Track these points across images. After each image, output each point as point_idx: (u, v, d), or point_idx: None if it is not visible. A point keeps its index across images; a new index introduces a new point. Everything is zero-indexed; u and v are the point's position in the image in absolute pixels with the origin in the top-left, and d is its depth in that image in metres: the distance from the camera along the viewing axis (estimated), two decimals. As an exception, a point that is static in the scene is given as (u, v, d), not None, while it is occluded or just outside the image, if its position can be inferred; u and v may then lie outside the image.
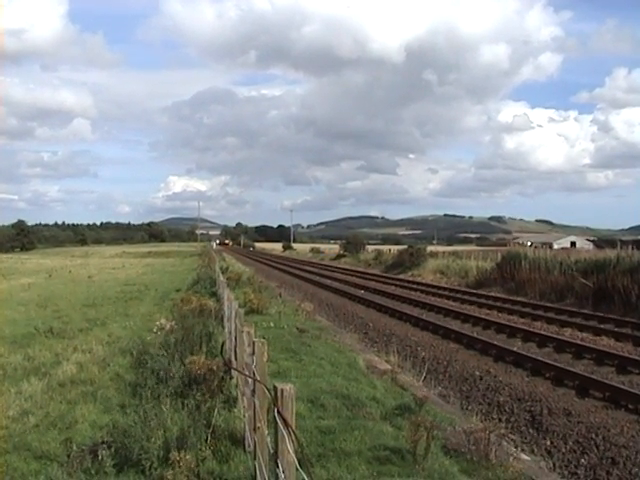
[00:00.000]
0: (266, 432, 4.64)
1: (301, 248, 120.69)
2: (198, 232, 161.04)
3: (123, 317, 19.36)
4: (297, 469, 3.39)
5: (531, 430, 9.54)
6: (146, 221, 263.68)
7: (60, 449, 6.99)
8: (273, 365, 10.18)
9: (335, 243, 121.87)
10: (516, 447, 8.26)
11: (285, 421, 3.43)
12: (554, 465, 8.20)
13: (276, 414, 3.48)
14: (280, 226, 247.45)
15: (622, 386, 10.78)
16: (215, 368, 7.92)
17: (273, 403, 3.57)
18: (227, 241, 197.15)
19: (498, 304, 24.20)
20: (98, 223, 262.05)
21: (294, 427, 3.45)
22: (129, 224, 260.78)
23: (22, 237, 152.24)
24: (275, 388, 3.56)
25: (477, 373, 12.85)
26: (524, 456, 7.87)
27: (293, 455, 3.37)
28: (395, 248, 63.34)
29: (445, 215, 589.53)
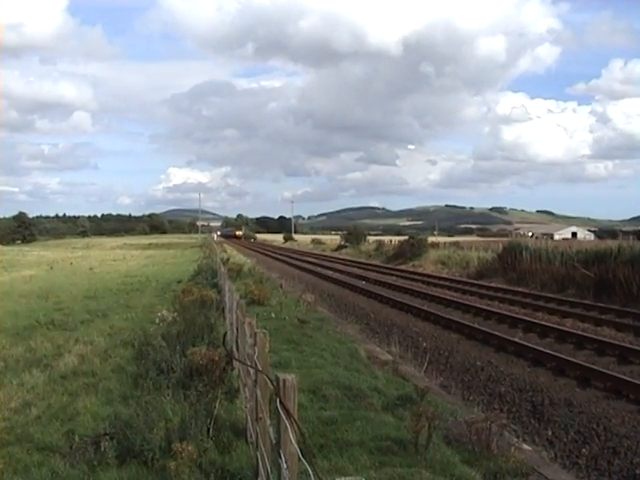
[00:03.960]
0: (268, 423, 4.63)
1: (302, 239, 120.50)
2: (199, 224, 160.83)
3: (124, 309, 19.37)
4: (299, 459, 3.39)
5: (532, 420, 9.56)
6: (147, 213, 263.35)
7: (62, 440, 7.00)
8: (274, 356, 10.16)
9: (336, 234, 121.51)
10: (517, 437, 8.25)
11: (287, 411, 3.42)
12: (555, 455, 8.22)
13: (278, 404, 3.47)
14: (281, 217, 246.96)
15: (623, 376, 10.77)
16: (217, 359, 7.92)
17: (275, 393, 3.57)
18: (239, 232, 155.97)
19: (499, 295, 24.20)
20: (99, 215, 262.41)
21: (296, 417, 3.45)
22: (130, 216, 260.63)
23: (23, 229, 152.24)
24: (277, 379, 3.54)
25: (478, 363, 12.86)
26: (525, 446, 7.86)
27: (295, 445, 3.36)
28: (396, 239, 63.20)
29: (446, 206, 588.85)
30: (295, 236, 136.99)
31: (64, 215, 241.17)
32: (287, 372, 4.70)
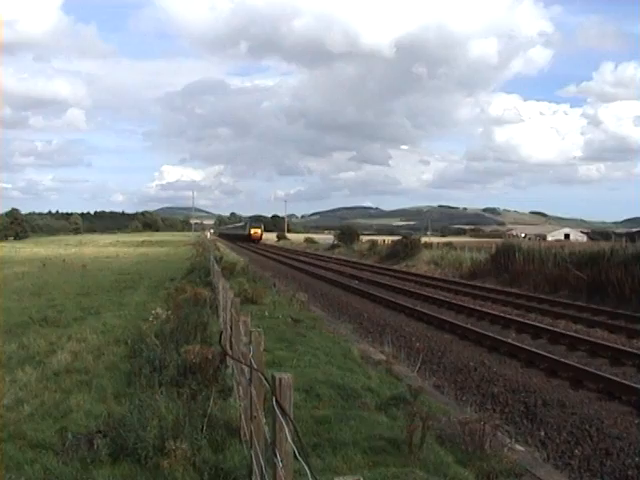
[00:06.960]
0: (263, 421, 4.63)
1: (295, 238, 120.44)
2: (192, 222, 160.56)
3: (117, 306, 19.30)
4: (295, 458, 3.39)
5: (525, 421, 9.57)
6: (140, 210, 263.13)
7: (55, 438, 6.96)
8: (268, 355, 10.14)
9: (329, 233, 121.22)
10: (510, 438, 8.27)
11: (283, 410, 3.42)
12: (548, 456, 8.23)
13: (274, 403, 3.47)
14: (274, 216, 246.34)
15: (616, 378, 10.82)
16: (210, 357, 7.91)
17: (271, 392, 3.56)
18: (257, 230, 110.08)
19: (492, 295, 24.25)
20: (92, 212, 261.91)
21: (292, 416, 3.45)
22: (123, 213, 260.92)
23: (16, 226, 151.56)
24: (273, 377, 3.54)
25: (471, 364, 12.88)
26: (518, 447, 7.89)
27: (291, 444, 3.37)
28: (389, 239, 63.25)
29: (439, 206, 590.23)
30: (288, 235, 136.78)
31: (57, 212, 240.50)
32: (281, 371, 4.71)
